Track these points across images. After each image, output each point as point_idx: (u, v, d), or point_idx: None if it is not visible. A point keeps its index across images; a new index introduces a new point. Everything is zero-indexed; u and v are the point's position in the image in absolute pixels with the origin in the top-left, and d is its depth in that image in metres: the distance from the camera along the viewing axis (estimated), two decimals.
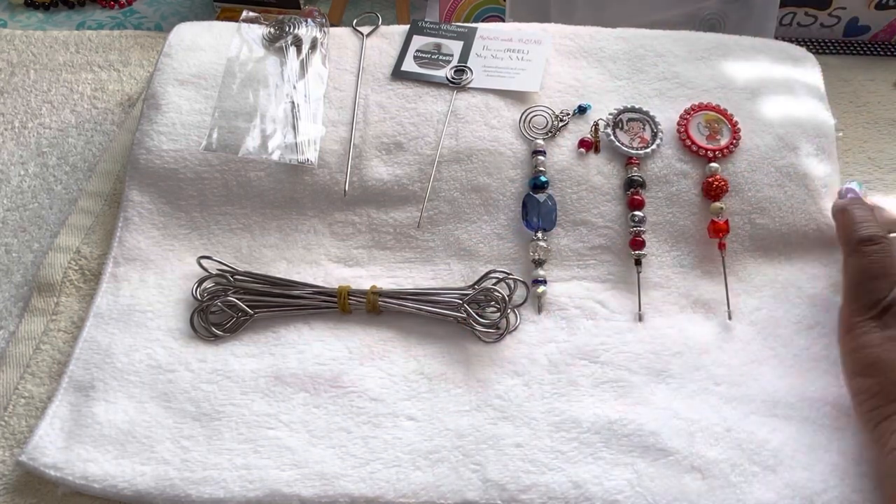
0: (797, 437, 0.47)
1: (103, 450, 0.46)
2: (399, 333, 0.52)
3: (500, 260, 0.55)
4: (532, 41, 0.63)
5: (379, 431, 0.47)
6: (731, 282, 0.54)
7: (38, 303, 0.54)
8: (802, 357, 0.51)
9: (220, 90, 0.60)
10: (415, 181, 0.57)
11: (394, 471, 0.45)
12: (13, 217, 0.61)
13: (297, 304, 0.52)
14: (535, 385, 0.49)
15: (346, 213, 0.57)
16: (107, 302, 0.53)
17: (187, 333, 0.52)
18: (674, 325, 0.52)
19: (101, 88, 0.71)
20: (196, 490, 0.44)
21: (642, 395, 0.48)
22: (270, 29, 0.64)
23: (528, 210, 0.55)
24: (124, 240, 0.56)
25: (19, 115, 0.69)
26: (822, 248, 0.55)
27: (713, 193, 0.55)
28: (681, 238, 0.56)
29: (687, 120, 0.58)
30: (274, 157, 0.57)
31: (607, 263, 0.55)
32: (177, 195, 0.57)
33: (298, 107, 0.59)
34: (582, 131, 0.58)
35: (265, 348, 0.51)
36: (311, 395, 0.49)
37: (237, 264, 0.55)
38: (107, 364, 0.49)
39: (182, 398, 0.48)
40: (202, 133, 0.58)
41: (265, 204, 0.57)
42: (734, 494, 0.44)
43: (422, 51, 0.63)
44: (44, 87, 0.71)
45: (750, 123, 0.58)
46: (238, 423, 0.47)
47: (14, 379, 0.51)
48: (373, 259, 0.56)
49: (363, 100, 0.60)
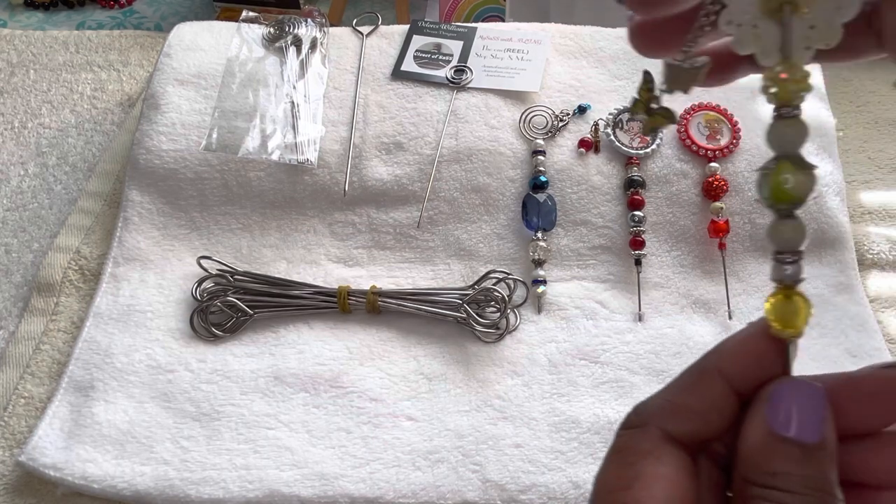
0: None
1: (103, 450, 0.46)
2: (399, 333, 0.52)
3: (500, 260, 0.55)
4: (532, 41, 0.63)
5: (379, 432, 0.47)
6: (731, 282, 0.54)
7: (37, 303, 0.54)
8: (802, 357, 0.51)
9: (219, 90, 0.60)
10: (415, 181, 0.57)
11: (394, 471, 0.45)
12: (13, 217, 0.61)
13: (296, 304, 0.52)
14: (535, 385, 0.49)
15: (346, 213, 0.57)
16: (106, 302, 0.53)
17: (187, 333, 0.52)
18: (674, 325, 0.52)
19: (101, 88, 0.71)
20: (196, 490, 0.44)
21: (642, 395, 0.48)
22: (270, 29, 0.64)
23: (528, 210, 0.55)
24: (124, 240, 0.56)
25: (19, 115, 0.69)
26: (822, 248, 0.55)
27: (713, 193, 0.55)
28: (681, 238, 0.56)
29: (687, 120, 0.58)
30: (274, 158, 0.57)
31: (607, 263, 0.55)
32: (177, 195, 0.57)
33: (298, 107, 0.59)
34: (582, 131, 0.58)
35: (265, 348, 0.51)
36: (310, 395, 0.49)
37: (237, 264, 0.55)
38: (106, 364, 0.49)
39: (182, 398, 0.48)
40: (202, 133, 0.58)
41: (265, 204, 0.57)
42: None
43: (422, 51, 0.63)
44: (44, 87, 0.71)
45: (750, 123, 0.58)
46: (238, 423, 0.47)
47: (14, 379, 0.50)
48: (373, 259, 0.56)
49: (363, 100, 0.60)
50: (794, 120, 0.20)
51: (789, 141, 0.20)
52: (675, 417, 0.21)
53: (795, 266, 0.21)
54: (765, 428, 0.20)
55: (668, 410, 0.21)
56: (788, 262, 0.21)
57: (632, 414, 0.22)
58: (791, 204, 0.20)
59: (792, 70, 0.20)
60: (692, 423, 0.21)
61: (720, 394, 0.21)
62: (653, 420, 0.21)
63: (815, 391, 0.20)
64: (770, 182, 0.20)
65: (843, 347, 0.51)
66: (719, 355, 0.21)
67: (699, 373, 0.21)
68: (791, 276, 0.21)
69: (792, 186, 0.20)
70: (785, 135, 0.20)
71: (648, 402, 0.22)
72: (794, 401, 0.20)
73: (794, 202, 0.20)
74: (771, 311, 0.21)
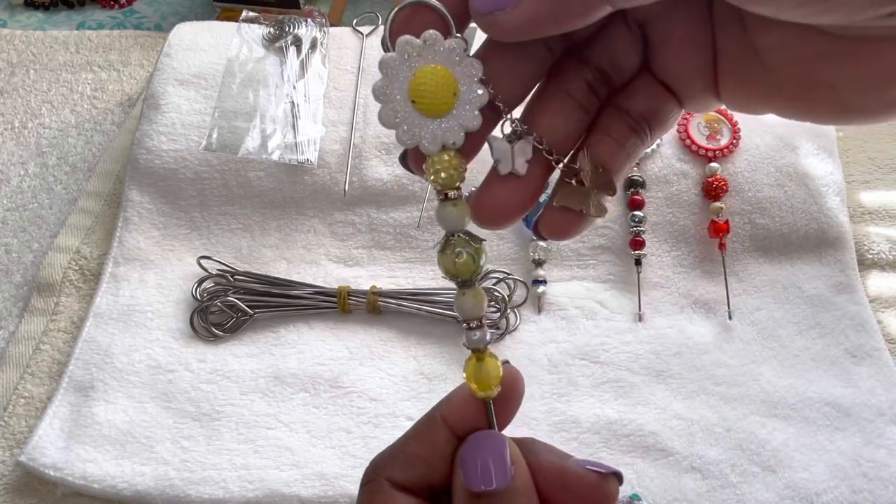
0: (797, 437, 0.47)
1: (103, 450, 0.46)
2: (399, 333, 0.52)
3: (500, 260, 0.55)
4: None
5: (379, 431, 0.47)
6: (731, 282, 0.54)
7: (37, 303, 0.54)
8: (802, 357, 0.51)
9: (219, 90, 0.60)
10: (415, 181, 0.57)
11: None
12: (13, 217, 0.61)
13: (296, 304, 0.52)
14: (535, 385, 0.49)
15: (346, 213, 0.57)
16: (106, 302, 0.53)
17: (187, 333, 0.52)
18: (674, 325, 0.52)
19: (101, 88, 0.71)
20: (196, 490, 0.44)
21: (642, 395, 0.48)
22: (270, 29, 0.64)
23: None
24: (124, 240, 0.56)
25: (19, 115, 0.69)
26: (822, 248, 0.55)
27: (713, 193, 0.55)
28: (681, 238, 0.56)
29: (687, 120, 0.58)
30: (274, 158, 0.57)
31: (607, 263, 0.55)
32: (177, 195, 0.57)
33: (298, 107, 0.59)
34: None
35: (265, 348, 0.51)
36: (310, 395, 0.49)
37: (237, 264, 0.55)
38: (107, 364, 0.49)
39: (182, 398, 0.48)
40: (202, 133, 0.58)
41: (265, 204, 0.57)
42: (734, 494, 0.44)
43: None
44: (44, 87, 0.71)
45: (750, 123, 0.58)
46: (238, 423, 0.47)
47: (14, 379, 0.50)
48: (373, 259, 0.56)
49: (363, 100, 0.60)
50: (458, 202, 0.22)
51: (455, 221, 0.22)
52: (403, 467, 0.23)
53: (481, 331, 0.23)
54: (461, 485, 0.22)
55: (398, 460, 0.23)
56: (475, 328, 0.23)
57: (368, 468, 0.23)
58: (467, 275, 0.22)
59: (441, 162, 0.21)
60: (418, 469, 0.23)
61: (445, 441, 0.23)
62: (382, 472, 0.23)
63: (498, 441, 0.22)
64: (446, 259, 0.22)
65: (843, 347, 0.51)
66: (445, 405, 0.23)
67: (427, 421, 0.23)
68: (479, 340, 0.23)
69: (464, 260, 0.22)
70: (450, 215, 0.22)
71: (382, 454, 0.23)
72: (481, 455, 0.22)
73: (469, 273, 0.22)
74: (468, 375, 0.23)
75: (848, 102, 0.21)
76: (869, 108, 0.21)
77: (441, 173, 0.21)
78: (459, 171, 0.21)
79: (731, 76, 0.22)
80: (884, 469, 0.45)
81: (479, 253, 0.22)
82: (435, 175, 0.21)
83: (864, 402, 0.48)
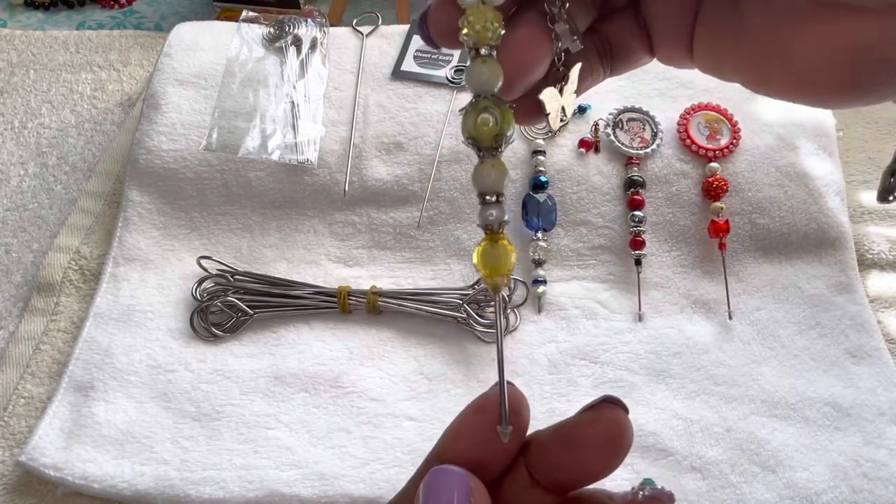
0: (797, 437, 0.47)
1: (103, 450, 0.46)
2: (399, 333, 0.52)
3: None
4: None
5: (379, 432, 0.47)
6: (731, 282, 0.54)
7: (37, 303, 0.54)
8: (802, 357, 0.51)
9: (219, 90, 0.60)
10: (415, 181, 0.57)
11: (394, 471, 0.45)
12: (13, 217, 0.61)
13: (297, 304, 0.52)
14: (535, 385, 0.49)
15: (346, 213, 0.57)
16: (107, 302, 0.53)
17: (187, 333, 0.52)
18: (674, 325, 0.52)
19: (101, 88, 0.71)
20: (196, 490, 0.44)
21: (642, 395, 0.48)
22: (270, 29, 0.64)
23: (528, 210, 0.55)
24: (124, 240, 0.56)
25: (19, 115, 0.69)
26: (822, 248, 0.55)
27: (713, 193, 0.55)
28: (681, 238, 0.56)
29: (687, 120, 0.58)
30: (274, 158, 0.57)
31: (607, 263, 0.55)
32: (177, 195, 0.57)
33: (298, 107, 0.59)
34: (582, 131, 0.58)
35: (265, 348, 0.51)
36: (311, 395, 0.49)
37: (237, 264, 0.55)
38: (107, 364, 0.49)
39: (182, 398, 0.48)
40: (202, 133, 0.58)
41: (265, 204, 0.57)
42: (734, 494, 0.44)
43: (422, 50, 0.63)
44: (44, 87, 0.71)
45: (750, 123, 0.58)
46: (238, 423, 0.47)
47: (14, 379, 0.50)
48: (373, 259, 0.56)
49: (363, 100, 0.60)
50: (489, 59, 0.20)
51: (485, 80, 0.20)
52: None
53: (499, 209, 0.21)
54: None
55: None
56: (492, 204, 0.20)
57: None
58: (489, 140, 0.20)
59: (477, 14, 0.20)
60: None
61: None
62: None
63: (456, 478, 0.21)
64: (469, 121, 0.20)
65: (843, 347, 0.51)
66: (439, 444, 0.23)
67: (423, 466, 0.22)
68: (496, 219, 0.20)
69: (488, 124, 0.20)
70: (481, 73, 0.20)
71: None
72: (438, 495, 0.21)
73: (491, 138, 0.20)
74: (479, 259, 0.21)
75: (800, 73, 0.21)
76: (819, 82, 0.21)
77: (476, 25, 0.20)
78: (496, 26, 0.20)
79: (708, 34, 0.23)
80: (884, 469, 0.45)
81: (505, 116, 0.20)
82: (469, 27, 0.20)
83: (864, 402, 0.48)
